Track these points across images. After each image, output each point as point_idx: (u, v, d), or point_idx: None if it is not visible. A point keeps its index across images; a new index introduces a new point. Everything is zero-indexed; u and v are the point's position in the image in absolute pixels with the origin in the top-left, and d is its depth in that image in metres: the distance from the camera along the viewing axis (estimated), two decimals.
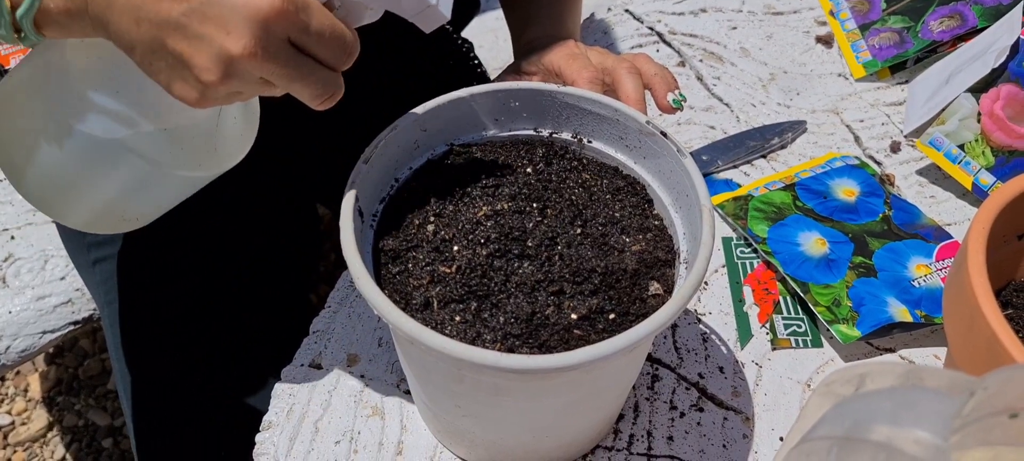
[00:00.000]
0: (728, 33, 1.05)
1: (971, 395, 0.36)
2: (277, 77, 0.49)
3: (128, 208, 0.61)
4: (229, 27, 0.46)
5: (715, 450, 0.65)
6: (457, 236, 0.57)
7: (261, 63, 0.47)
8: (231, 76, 0.48)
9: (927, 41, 0.95)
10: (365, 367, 0.70)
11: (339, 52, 0.50)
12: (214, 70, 0.47)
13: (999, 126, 0.81)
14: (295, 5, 0.47)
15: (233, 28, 0.46)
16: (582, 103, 0.63)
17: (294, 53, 0.49)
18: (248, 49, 0.46)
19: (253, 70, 0.48)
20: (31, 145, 0.57)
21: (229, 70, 0.47)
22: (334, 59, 0.51)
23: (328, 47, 0.50)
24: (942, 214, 0.82)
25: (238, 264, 0.90)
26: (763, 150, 0.89)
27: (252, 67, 0.47)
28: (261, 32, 0.46)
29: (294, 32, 0.48)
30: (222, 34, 0.46)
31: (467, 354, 0.47)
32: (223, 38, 0.46)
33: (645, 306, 0.55)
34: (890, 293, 0.72)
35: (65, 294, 1.10)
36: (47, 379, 1.56)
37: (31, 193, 0.60)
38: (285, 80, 0.49)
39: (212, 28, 0.46)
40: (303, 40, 0.49)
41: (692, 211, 0.57)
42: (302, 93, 0.51)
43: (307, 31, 0.48)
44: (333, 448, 0.65)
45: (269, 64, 0.48)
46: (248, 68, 0.47)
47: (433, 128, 0.62)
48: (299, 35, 0.48)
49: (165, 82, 0.50)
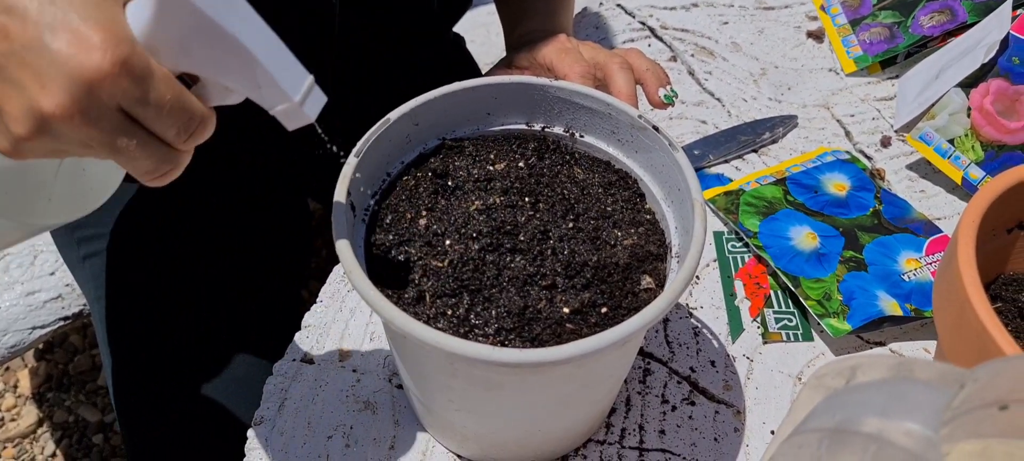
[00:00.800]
0: (719, 28, 1.05)
1: (961, 387, 0.36)
2: (98, 144, 0.43)
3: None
4: (45, 81, 0.41)
5: (706, 443, 0.65)
6: (449, 230, 0.57)
7: (79, 128, 0.42)
8: (42, 133, 0.42)
9: (917, 36, 0.95)
10: (357, 362, 0.70)
11: (180, 129, 0.44)
12: (23, 123, 0.42)
13: (988, 121, 0.82)
14: (130, 71, 0.41)
15: (49, 83, 0.41)
16: (574, 97, 0.63)
17: (123, 122, 0.43)
18: (63, 110, 0.41)
19: (69, 133, 0.42)
20: None
21: (40, 127, 0.42)
22: (173, 136, 0.44)
23: (168, 122, 0.44)
24: (932, 208, 0.83)
25: (229, 259, 0.89)
26: (754, 145, 0.89)
27: (68, 130, 0.42)
28: (82, 94, 0.41)
29: (127, 101, 0.42)
30: (37, 87, 0.41)
31: (460, 348, 0.47)
32: (37, 91, 0.41)
33: (637, 300, 0.55)
34: (880, 287, 0.73)
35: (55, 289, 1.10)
36: (37, 375, 1.56)
37: None
38: (107, 150, 0.44)
39: (29, 77, 0.41)
40: (138, 111, 0.43)
41: (684, 205, 0.57)
42: (128, 166, 0.45)
43: (144, 102, 0.42)
44: (325, 443, 0.65)
45: (88, 129, 0.42)
46: (64, 130, 0.42)
47: (425, 122, 0.62)
48: (133, 105, 0.42)
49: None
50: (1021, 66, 0.82)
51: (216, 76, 0.44)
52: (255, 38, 0.43)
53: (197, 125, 0.45)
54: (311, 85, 0.45)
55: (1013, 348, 0.48)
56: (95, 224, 0.91)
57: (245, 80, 0.44)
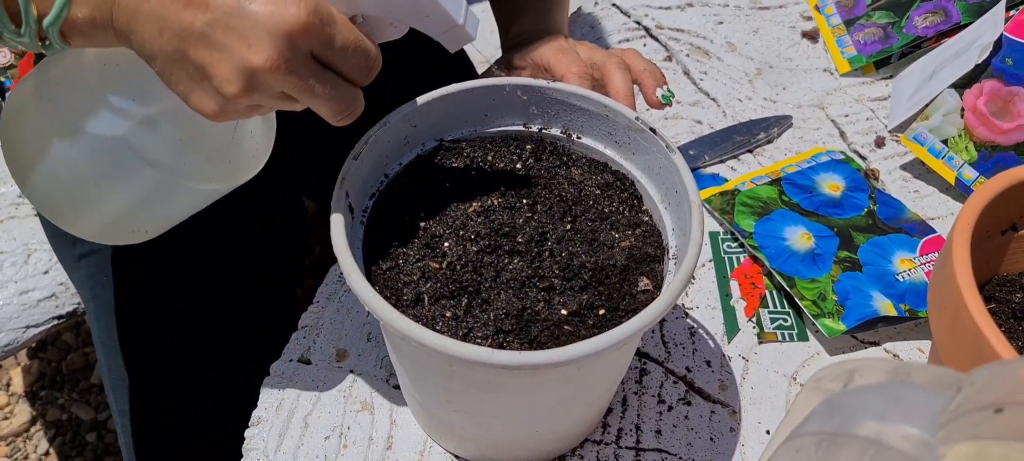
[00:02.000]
0: (715, 28, 1.05)
1: (958, 391, 0.37)
2: (298, 91, 0.48)
3: (138, 219, 0.60)
4: (251, 40, 0.45)
5: (702, 443, 0.65)
6: (447, 232, 0.57)
7: (283, 77, 0.47)
8: (252, 89, 0.47)
9: (911, 37, 0.96)
10: (354, 362, 0.70)
11: (363, 67, 0.50)
12: (235, 82, 0.46)
13: (982, 121, 0.82)
14: (321, 19, 0.46)
15: (255, 40, 0.45)
16: (571, 99, 0.63)
17: (317, 68, 0.48)
18: (271, 62, 0.46)
19: (275, 84, 0.47)
20: (43, 150, 0.56)
21: (250, 83, 0.47)
22: (357, 74, 0.50)
23: (352, 62, 0.49)
24: (926, 208, 0.83)
25: (224, 258, 0.89)
26: (749, 145, 0.89)
27: (274, 81, 0.47)
28: (285, 46, 0.46)
29: (318, 47, 0.47)
30: (244, 46, 0.46)
31: (458, 350, 0.47)
32: (245, 50, 0.46)
33: (634, 302, 0.56)
34: (875, 287, 0.73)
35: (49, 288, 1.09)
36: (30, 373, 1.55)
37: (40, 199, 0.59)
38: (307, 95, 0.48)
39: (235, 40, 0.46)
40: (327, 55, 0.48)
41: (681, 207, 0.57)
42: (322, 108, 0.50)
43: (331, 46, 0.47)
44: (322, 443, 0.65)
45: (291, 78, 0.47)
46: (270, 82, 0.47)
47: (423, 124, 0.62)
48: (323, 50, 0.47)
49: (184, 92, 0.49)
50: (1014, 67, 0.82)
51: (388, 13, 0.50)
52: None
53: (373, 61, 0.50)
54: (467, 8, 0.50)
55: (1008, 350, 0.48)
56: None
57: (414, 13, 0.49)
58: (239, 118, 0.51)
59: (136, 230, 0.61)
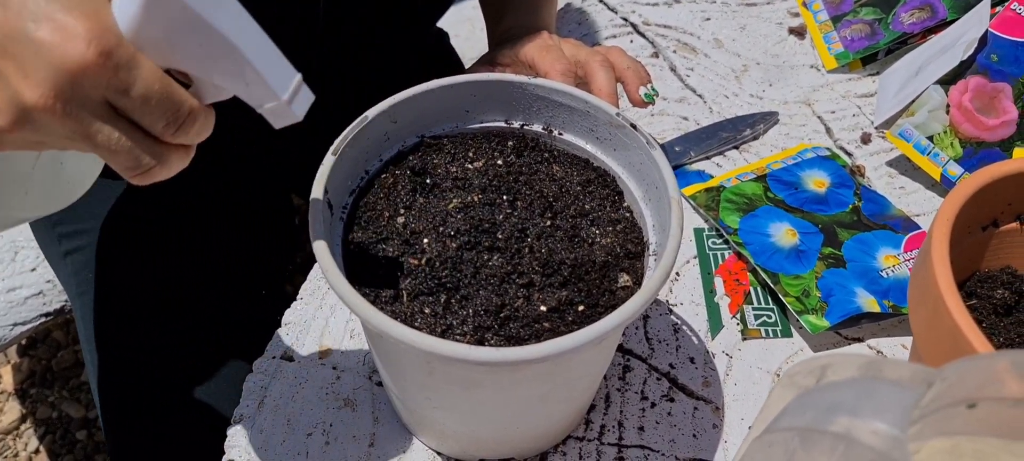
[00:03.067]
0: (702, 24, 1.05)
1: (930, 386, 0.37)
2: (79, 138, 0.42)
3: None
4: (28, 71, 0.40)
5: (685, 440, 0.65)
6: (427, 228, 0.57)
7: (60, 119, 0.41)
8: (24, 125, 0.41)
9: (898, 33, 0.96)
10: (337, 359, 0.70)
11: (168, 121, 0.43)
12: (5, 115, 0.41)
13: (967, 118, 0.82)
14: (115, 62, 0.41)
15: (32, 73, 0.40)
16: (553, 95, 0.63)
17: (108, 114, 0.42)
18: (45, 102, 0.40)
19: (51, 125, 0.41)
20: None
21: (22, 118, 0.41)
22: (160, 129, 0.44)
23: (153, 116, 0.43)
24: (911, 205, 0.83)
25: (212, 255, 0.89)
26: (735, 141, 0.89)
27: (49, 121, 0.41)
28: (65, 85, 0.40)
29: (111, 93, 0.41)
30: (19, 77, 0.40)
31: (436, 347, 0.47)
32: (19, 82, 0.40)
33: (614, 298, 0.56)
34: (859, 283, 0.73)
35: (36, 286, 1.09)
36: (19, 371, 1.55)
37: None
38: (88, 144, 0.43)
39: (12, 69, 0.40)
40: (123, 103, 0.42)
41: (661, 203, 0.57)
42: (114, 161, 0.44)
43: (127, 93, 0.42)
44: (305, 440, 0.65)
45: (69, 122, 0.41)
46: (45, 121, 0.41)
47: (404, 120, 0.62)
48: (117, 97, 0.42)
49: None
50: (1000, 63, 0.82)
51: (204, 73, 0.44)
52: (243, 34, 0.42)
53: (185, 117, 0.44)
54: (299, 84, 0.44)
55: (986, 348, 0.48)
56: (76, 220, 0.91)
57: (233, 77, 0.43)
58: (23, 149, 0.45)
59: None
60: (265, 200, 0.99)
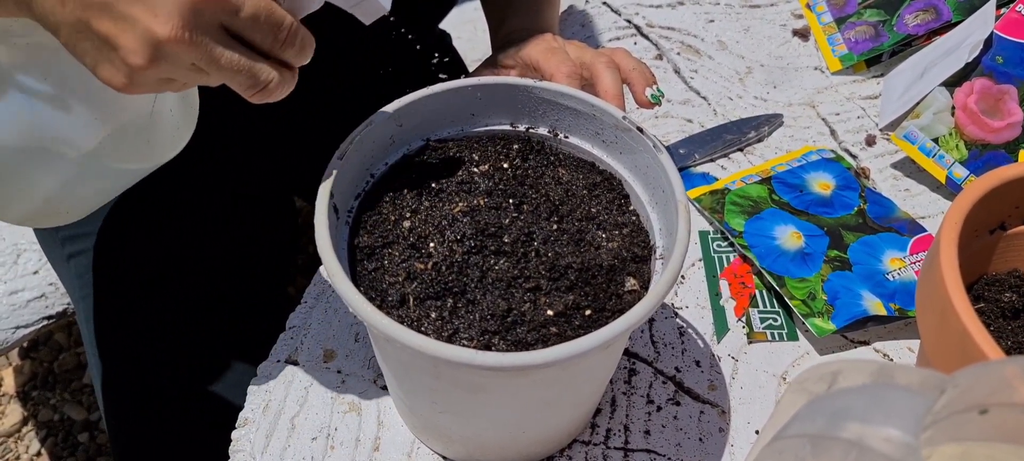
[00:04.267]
0: (705, 26, 1.05)
1: (942, 392, 0.36)
2: (206, 62, 0.47)
3: (64, 202, 0.58)
4: (156, 9, 0.45)
5: (691, 443, 0.65)
6: (433, 232, 0.57)
7: (189, 48, 0.46)
8: (159, 60, 0.46)
9: (902, 35, 0.96)
10: (342, 363, 0.70)
11: (274, 37, 0.49)
12: (141, 53, 0.46)
13: (972, 120, 0.82)
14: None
15: (160, 10, 0.45)
16: (559, 98, 0.63)
17: (225, 38, 0.47)
18: (175, 33, 0.45)
19: (181, 55, 0.46)
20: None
21: (156, 53, 0.46)
22: (269, 44, 0.49)
23: (262, 33, 0.48)
24: (916, 207, 0.83)
25: (215, 257, 0.89)
26: (740, 143, 0.89)
27: (180, 51, 0.46)
28: (190, 15, 0.45)
29: (226, 16, 0.47)
30: (149, 16, 0.45)
31: (443, 352, 0.47)
32: (150, 20, 0.45)
33: (621, 302, 0.55)
34: (864, 286, 0.73)
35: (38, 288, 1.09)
36: (21, 373, 1.55)
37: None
38: (214, 66, 0.48)
39: (139, 9, 0.45)
40: (236, 24, 0.47)
41: (668, 207, 0.57)
42: (233, 81, 0.49)
43: (238, 14, 0.47)
44: (309, 444, 0.65)
45: (197, 49, 0.46)
46: (176, 52, 0.46)
47: (409, 123, 0.62)
48: (231, 20, 0.47)
49: (91, 64, 0.48)
50: (1005, 65, 0.82)
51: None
52: None
53: (288, 32, 0.49)
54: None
55: (995, 351, 0.48)
56: (79, 223, 0.91)
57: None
58: (151, 91, 0.50)
59: (64, 213, 0.60)
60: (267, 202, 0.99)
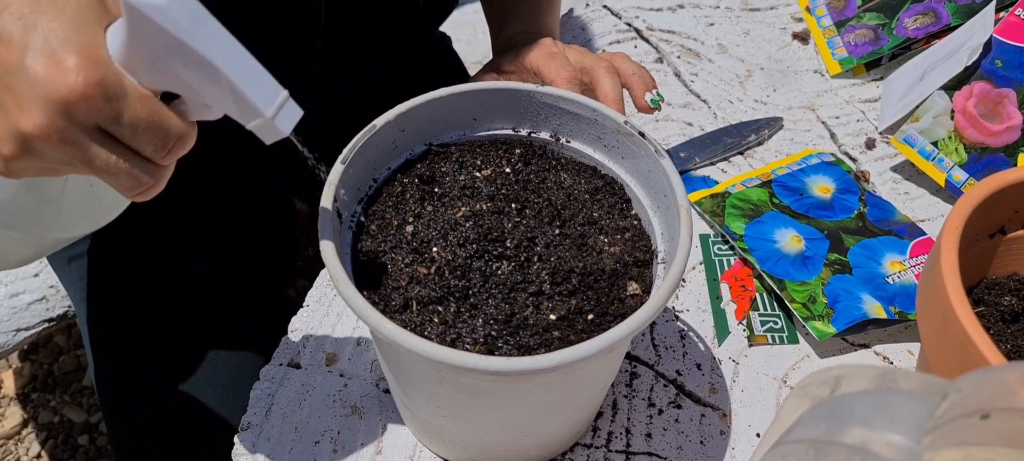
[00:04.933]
0: (705, 29, 1.05)
1: (944, 397, 0.37)
2: (78, 162, 0.45)
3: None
4: (24, 103, 0.43)
5: (693, 447, 0.65)
6: (436, 237, 0.57)
7: (57, 146, 0.44)
8: (26, 153, 0.44)
9: (901, 38, 0.96)
10: (344, 366, 0.70)
11: (157, 146, 0.46)
12: (9, 144, 0.44)
13: (972, 123, 0.82)
14: (104, 92, 0.43)
15: (28, 105, 0.43)
16: (560, 103, 0.63)
17: (102, 140, 0.45)
18: (41, 129, 0.43)
19: (50, 151, 0.44)
20: None
21: (24, 147, 0.44)
22: (151, 152, 0.46)
23: (143, 140, 0.45)
24: (916, 211, 0.83)
25: (215, 260, 0.89)
26: (740, 147, 0.89)
27: (47, 148, 0.44)
28: (58, 115, 0.43)
29: (102, 119, 0.44)
30: (17, 109, 0.43)
31: (446, 356, 0.47)
32: (17, 113, 0.43)
33: (623, 306, 0.56)
34: (865, 290, 0.73)
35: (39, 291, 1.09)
36: (21, 376, 1.55)
37: None
38: (87, 167, 0.46)
39: (11, 100, 0.43)
40: (115, 130, 0.45)
41: (670, 211, 0.57)
42: (113, 183, 0.47)
43: (119, 121, 0.44)
44: (312, 448, 0.65)
45: (66, 148, 0.44)
46: (43, 149, 0.44)
47: (411, 128, 0.62)
48: (109, 124, 0.44)
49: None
50: (1004, 69, 0.82)
51: (191, 93, 0.45)
52: (225, 55, 0.43)
53: (174, 141, 0.46)
54: (285, 99, 0.45)
55: (996, 356, 0.48)
56: None
57: (219, 96, 0.45)
58: (33, 176, 0.47)
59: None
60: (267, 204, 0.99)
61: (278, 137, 0.46)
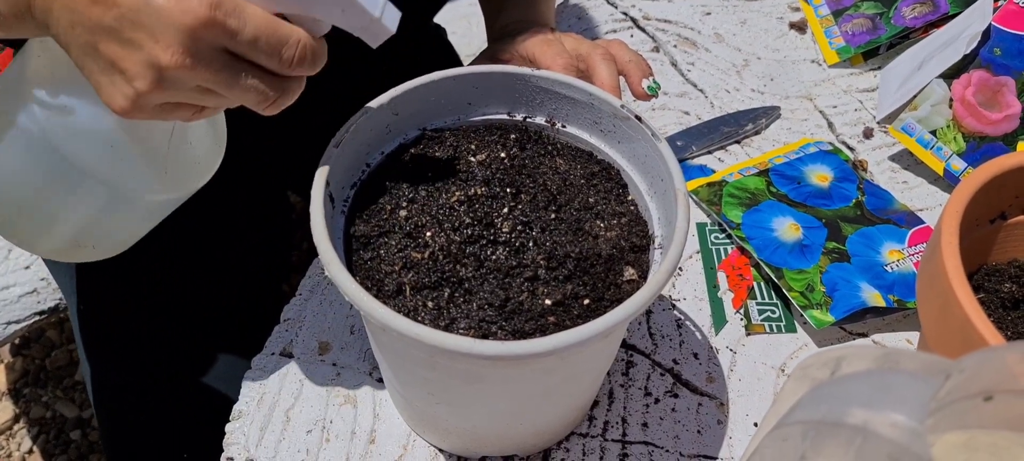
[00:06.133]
0: (702, 19, 1.04)
1: (947, 378, 0.36)
2: (213, 84, 0.48)
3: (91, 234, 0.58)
4: (158, 35, 0.45)
5: (689, 436, 0.65)
6: (430, 221, 0.56)
7: (192, 72, 0.46)
8: (162, 84, 0.47)
9: (899, 27, 0.95)
10: (337, 355, 0.69)
11: (279, 57, 0.48)
12: (144, 78, 0.46)
13: (970, 112, 0.82)
14: (224, 12, 0.46)
15: (161, 36, 0.45)
16: (556, 87, 0.62)
17: (230, 60, 0.48)
18: (177, 59, 0.45)
19: (185, 79, 0.47)
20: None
21: (159, 78, 0.46)
22: (275, 64, 0.49)
23: (265, 53, 0.48)
24: (914, 199, 0.83)
25: (209, 252, 0.88)
26: (737, 136, 0.88)
27: (183, 76, 0.46)
28: (189, 41, 0.45)
29: (227, 40, 0.47)
30: (151, 42, 0.45)
31: (440, 340, 0.47)
32: (152, 46, 0.45)
33: (620, 291, 0.55)
34: (863, 278, 0.73)
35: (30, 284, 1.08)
36: (13, 370, 1.54)
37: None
38: (223, 87, 0.48)
39: (143, 35, 0.45)
40: (238, 47, 0.47)
41: (667, 196, 0.57)
42: (244, 100, 0.50)
43: (238, 38, 0.47)
44: (305, 437, 0.64)
45: (201, 72, 0.46)
46: (179, 76, 0.46)
47: (405, 112, 0.61)
48: (232, 43, 0.47)
49: (97, 86, 0.49)
50: (1003, 57, 0.82)
51: (305, 9, 0.48)
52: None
53: (294, 51, 0.48)
54: (386, 3, 0.49)
55: (997, 338, 0.47)
56: None
57: (330, 9, 0.48)
58: (155, 117, 0.50)
59: (91, 248, 0.60)
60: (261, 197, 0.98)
61: (385, 37, 0.50)
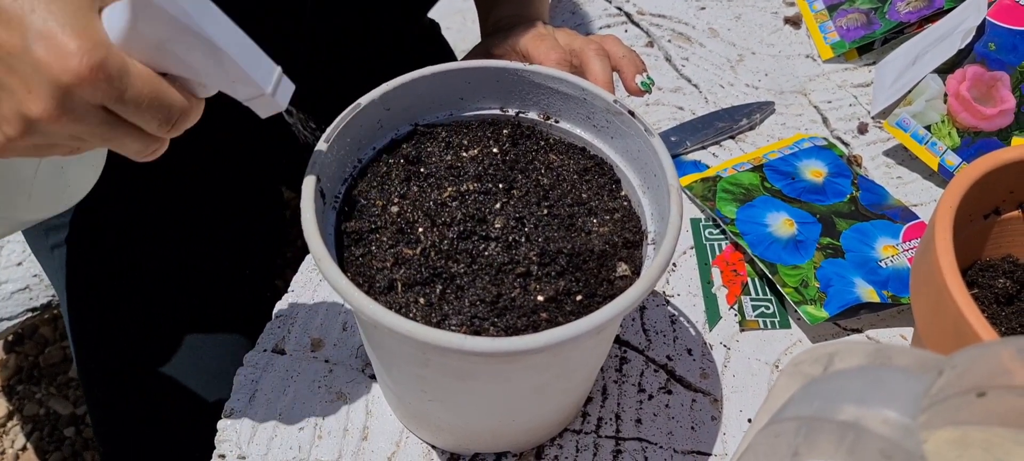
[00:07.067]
0: (697, 13, 1.04)
1: (939, 374, 0.36)
2: (86, 137, 0.46)
3: None
4: (31, 86, 0.44)
5: (683, 432, 0.65)
6: (422, 217, 0.56)
7: (64, 126, 0.45)
8: (31, 133, 0.45)
9: (894, 22, 0.95)
10: (329, 351, 0.69)
11: (162, 121, 0.47)
12: (13, 125, 0.45)
13: (965, 107, 0.81)
14: (106, 73, 0.44)
15: (34, 88, 0.44)
16: (549, 82, 0.62)
17: (107, 116, 0.46)
18: (47, 113, 0.44)
19: (56, 132, 0.45)
20: None
21: (29, 128, 0.45)
22: (155, 128, 0.47)
23: (147, 116, 0.46)
24: (909, 195, 0.83)
25: (201, 249, 0.88)
26: (731, 131, 0.88)
27: (54, 128, 0.45)
28: (63, 97, 0.44)
29: (106, 99, 0.45)
30: (24, 91, 0.44)
31: (432, 337, 0.46)
32: (25, 96, 0.44)
33: (613, 287, 0.55)
34: (857, 274, 0.72)
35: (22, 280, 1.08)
36: (7, 367, 1.53)
37: None
38: (96, 141, 0.47)
39: (16, 83, 0.44)
40: (118, 108, 0.46)
41: (660, 191, 0.56)
42: (119, 150, 0.49)
43: (121, 100, 0.45)
44: (297, 434, 0.64)
45: (74, 127, 0.45)
46: (50, 129, 0.45)
47: (397, 107, 0.61)
48: (112, 103, 0.45)
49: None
50: (997, 52, 0.82)
51: (192, 74, 0.47)
52: (225, 37, 0.45)
53: (177, 116, 0.47)
54: (280, 76, 0.48)
55: (990, 334, 0.47)
56: (64, 213, 0.90)
57: (218, 76, 0.46)
58: (29, 155, 0.49)
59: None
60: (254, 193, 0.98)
61: (276, 111, 0.49)
